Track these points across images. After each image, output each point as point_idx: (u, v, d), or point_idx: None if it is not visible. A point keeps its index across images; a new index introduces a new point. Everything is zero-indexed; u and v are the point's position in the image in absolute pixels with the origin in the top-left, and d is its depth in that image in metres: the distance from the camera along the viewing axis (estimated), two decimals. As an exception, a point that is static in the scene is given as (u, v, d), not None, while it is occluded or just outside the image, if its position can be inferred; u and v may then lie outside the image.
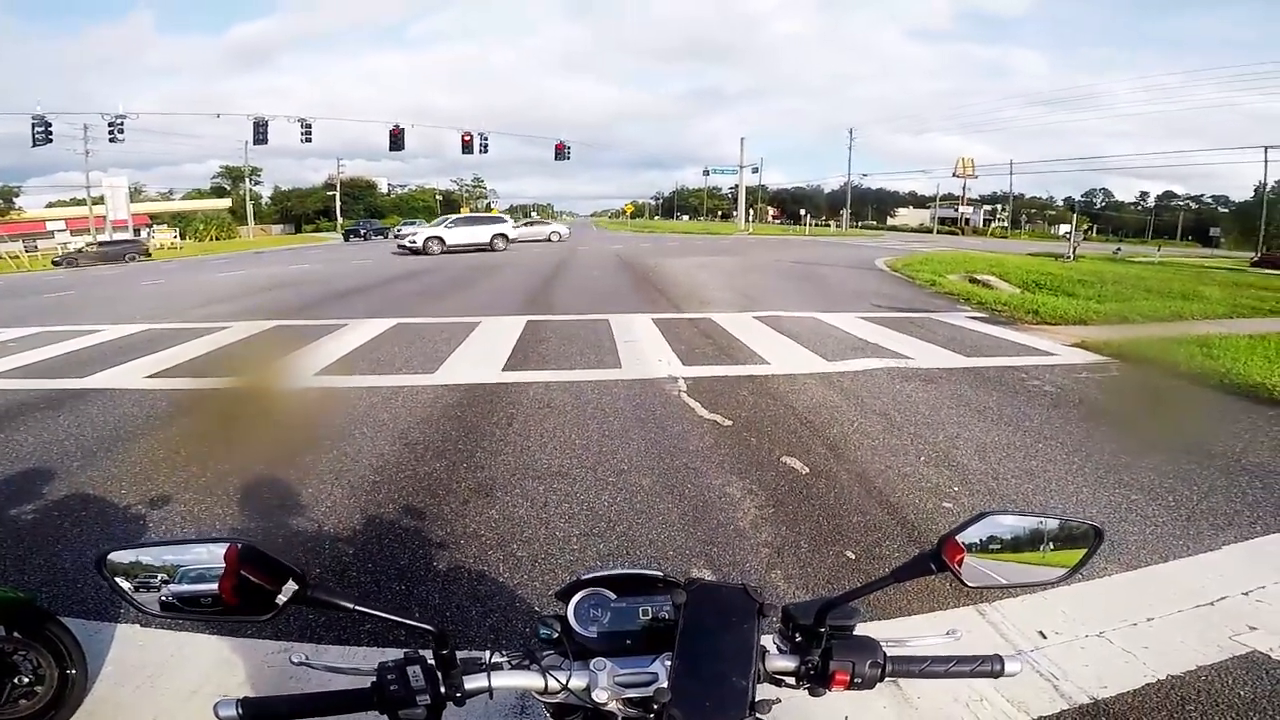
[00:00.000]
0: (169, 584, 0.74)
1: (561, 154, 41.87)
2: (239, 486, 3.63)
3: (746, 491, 3.56)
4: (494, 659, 0.83)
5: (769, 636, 0.86)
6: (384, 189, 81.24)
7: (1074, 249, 22.48)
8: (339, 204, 62.48)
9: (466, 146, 39.06)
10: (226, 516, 3.33)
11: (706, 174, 71.65)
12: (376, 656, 2.16)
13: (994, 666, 0.84)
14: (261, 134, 37.63)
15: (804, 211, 66.29)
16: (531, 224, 36.27)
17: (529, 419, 4.77)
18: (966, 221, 68.25)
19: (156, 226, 49.40)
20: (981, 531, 0.82)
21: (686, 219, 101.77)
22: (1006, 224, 66.79)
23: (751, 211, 66.50)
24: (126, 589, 0.74)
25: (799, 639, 0.84)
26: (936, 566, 0.81)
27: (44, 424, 4.78)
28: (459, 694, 0.77)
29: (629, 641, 0.85)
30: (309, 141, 39.16)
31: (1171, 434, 4.22)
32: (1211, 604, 2.52)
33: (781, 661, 0.83)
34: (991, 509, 0.84)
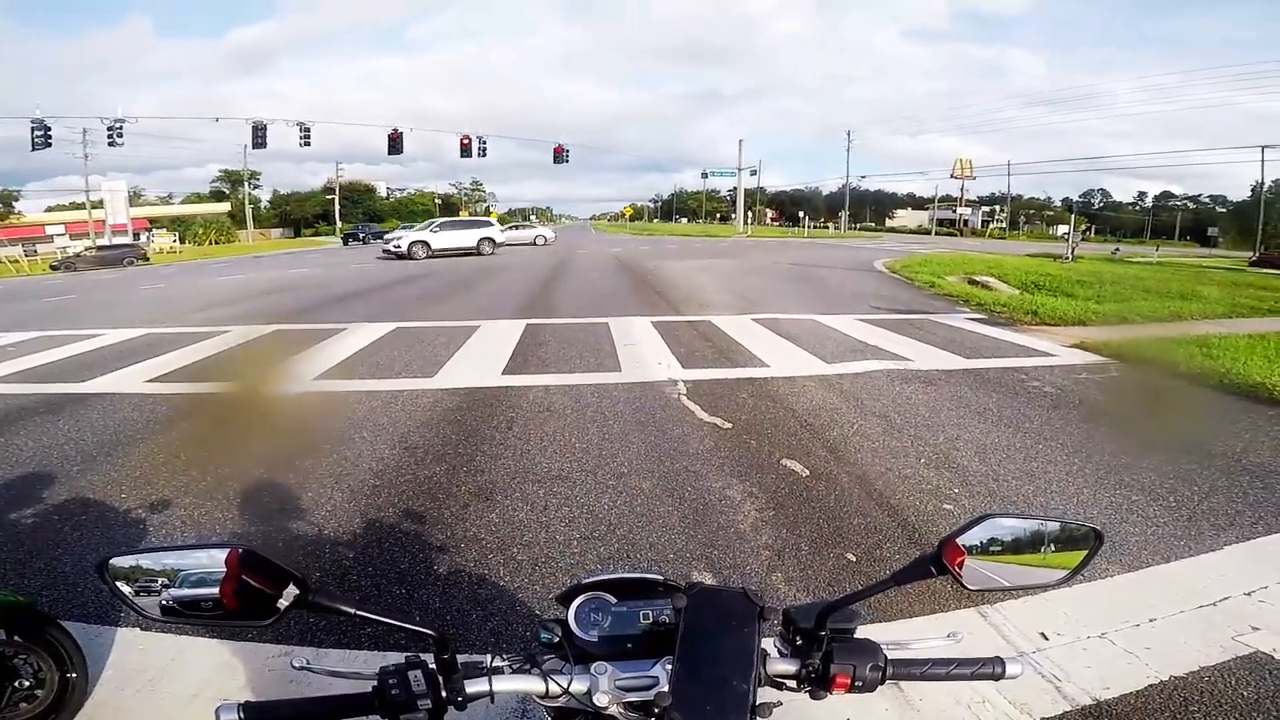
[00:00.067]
0: (169, 588, 0.74)
1: (560, 157, 41.94)
2: (239, 491, 3.62)
3: (747, 494, 3.56)
4: (495, 663, 0.83)
5: (770, 639, 0.86)
6: (383, 193, 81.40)
7: (1072, 249, 22.52)
8: (338, 208, 62.54)
9: (465, 150, 39.09)
10: (227, 521, 3.32)
11: (705, 176, 71.84)
12: (377, 660, 2.15)
13: (995, 669, 0.84)
14: (260, 138, 37.66)
15: (802, 213, 66.30)
16: (517, 228, 36.30)
17: (529, 422, 4.77)
18: (965, 223, 68.35)
19: (156, 231, 49.48)
20: (982, 534, 0.81)
21: (685, 221, 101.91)
22: (1005, 225, 66.88)
23: (750, 214, 66.58)
24: (127, 593, 0.74)
25: (800, 642, 0.84)
26: (937, 569, 0.81)
27: (44, 429, 4.78)
28: (460, 698, 0.77)
29: (630, 645, 0.85)
30: (308, 145, 39.21)
31: (1171, 434, 4.22)
32: (1214, 604, 2.52)
33: (782, 664, 0.83)
34: (992, 511, 0.84)
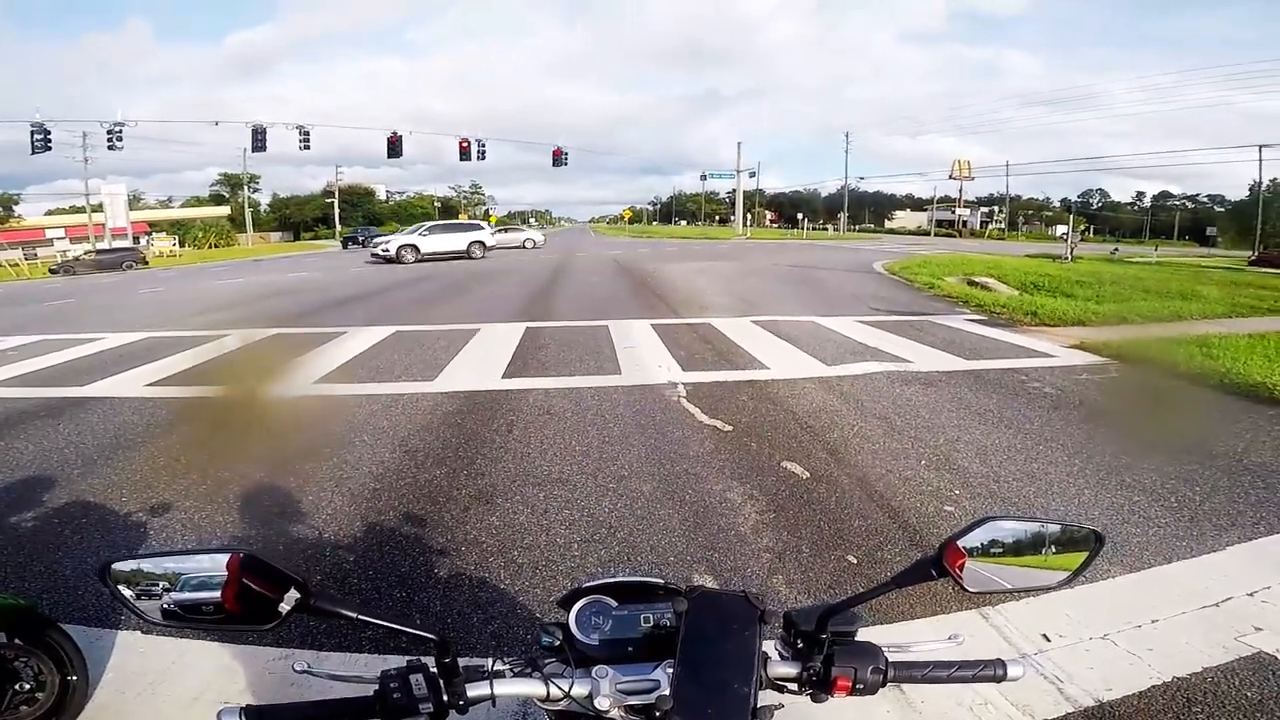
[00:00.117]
0: (170, 591, 0.74)
1: (559, 160, 42.04)
2: (239, 494, 3.62)
3: (747, 497, 3.56)
4: (496, 667, 0.83)
5: (770, 642, 0.86)
6: (382, 196, 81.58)
7: (1071, 250, 22.53)
8: (338, 211, 62.56)
9: (464, 153, 39.21)
10: (227, 524, 3.32)
11: (704, 178, 72.23)
12: (378, 663, 2.14)
13: (996, 671, 0.84)
14: (260, 141, 37.76)
15: (801, 215, 66.46)
16: (506, 231, 36.36)
17: (529, 426, 4.76)
18: (964, 224, 68.43)
19: (156, 234, 49.49)
20: (982, 536, 0.82)
21: (684, 224, 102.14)
22: (1004, 226, 66.96)
23: (749, 216, 66.65)
24: (128, 596, 0.74)
25: (801, 645, 0.84)
26: (937, 572, 0.81)
27: (44, 432, 4.77)
28: (461, 702, 0.77)
29: (631, 649, 0.84)
30: (307, 149, 39.37)
31: (1172, 435, 4.22)
32: (1216, 605, 2.51)
33: (783, 668, 0.83)
34: (992, 514, 0.84)
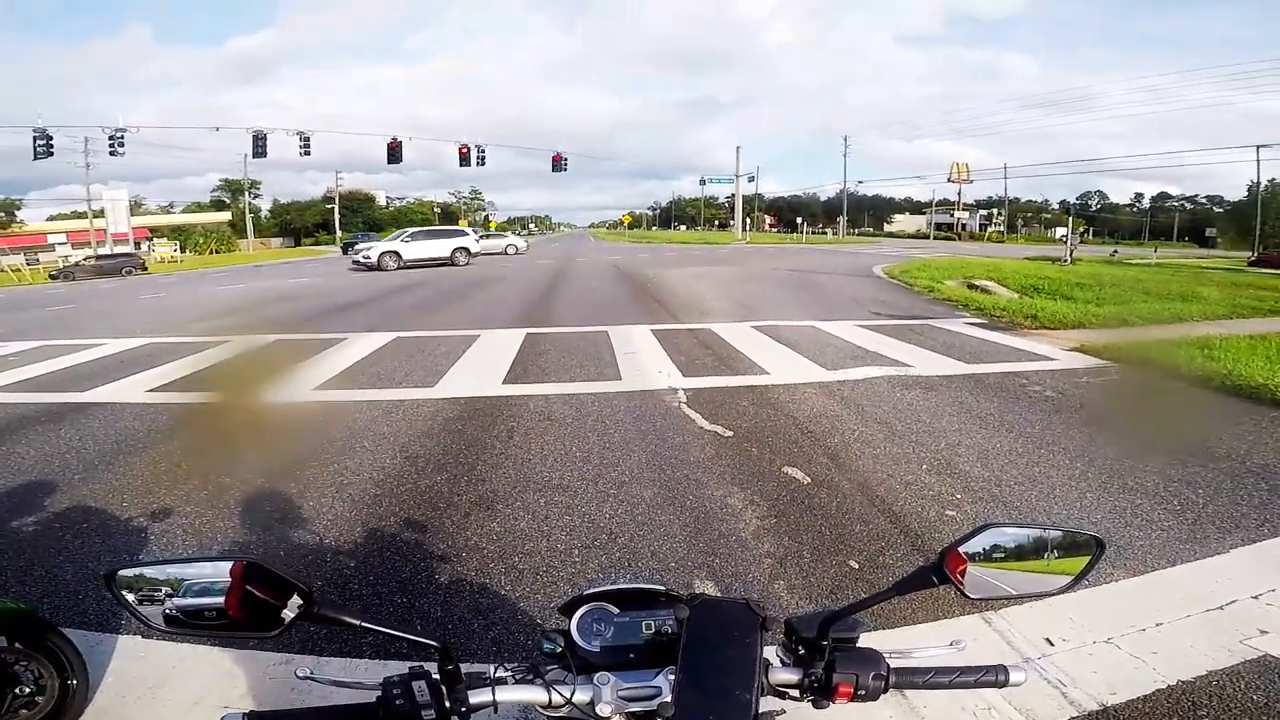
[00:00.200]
0: (173, 597, 0.75)
1: (559, 165, 42.11)
2: (240, 500, 3.62)
3: (748, 502, 3.55)
4: (498, 673, 0.83)
5: (772, 649, 0.86)
6: (383, 202, 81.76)
7: (1070, 252, 22.58)
8: (338, 217, 62.73)
9: (464, 159, 39.30)
10: (228, 529, 3.32)
11: (703, 183, 72.24)
12: (379, 669, 2.13)
13: (998, 676, 0.83)
14: (260, 147, 37.91)
15: (801, 219, 66.58)
16: (488, 237, 36.71)
17: (530, 432, 4.76)
18: (963, 226, 68.58)
19: (157, 240, 49.72)
20: (983, 543, 0.82)
21: (684, 229, 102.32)
22: (1003, 228, 67.07)
23: (748, 220, 66.76)
24: (132, 602, 0.75)
25: (802, 652, 0.84)
26: (938, 579, 0.81)
27: (46, 438, 4.77)
28: (464, 708, 0.77)
29: (632, 656, 0.84)
30: (307, 154, 39.51)
31: (1174, 437, 4.20)
32: (1221, 608, 2.50)
33: (785, 674, 0.83)
34: (993, 521, 0.85)
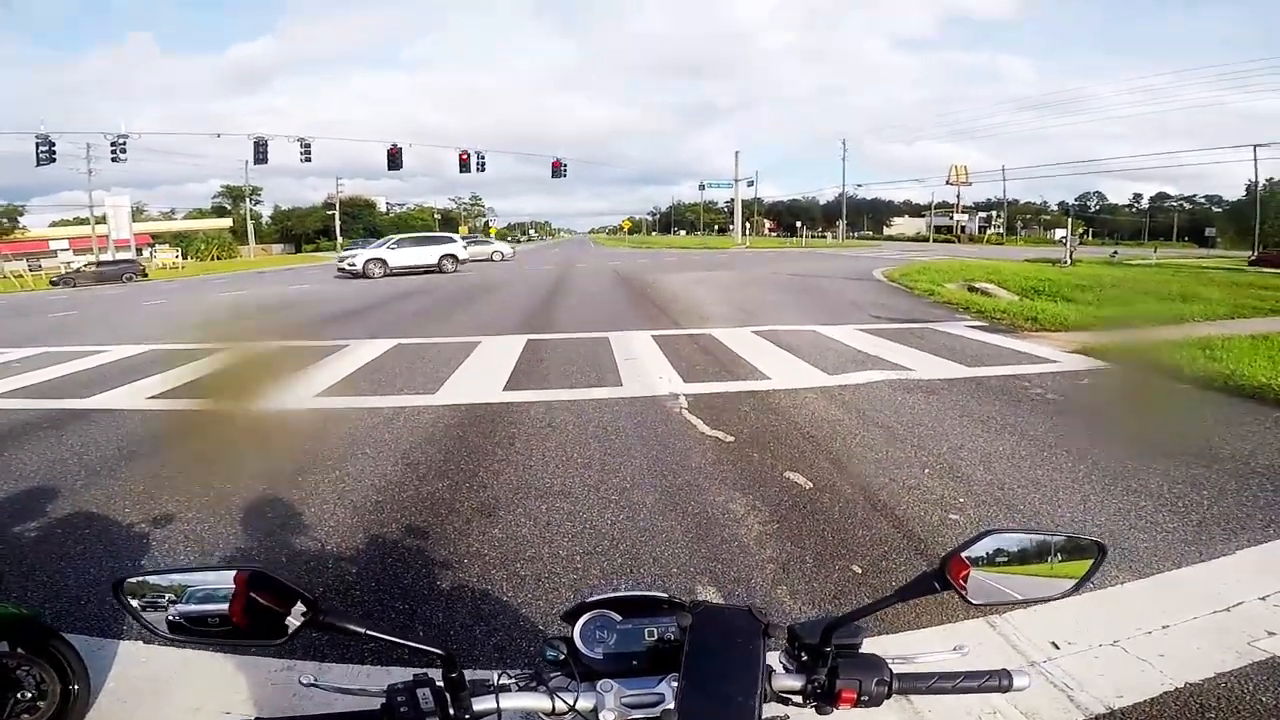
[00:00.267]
0: (177, 604, 0.76)
1: (558, 171, 42.21)
2: (242, 506, 3.61)
3: (750, 508, 3.54)
4: (501, 680, 0.83)
5: (775, 655, 0.86)
6: (383, 208, 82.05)
7: (1070, 253, 22.58)
8: (339, 223, 62.93)
9: (464, 165, 39.36)
10: (230, 536, 3.31)
11: (702, 188, 72.39)
12: (383, 676, 2.12)
13: (1002, 681, 0.83)
14: (261, 153, 37.95)
15: (800, 223, 66.72)
16: (475, 243, 36.89)
17: (531, 438, 4.76)
18: (962, 229, 68.66)
19: (158, 246, 49.90)
20: (985, 548, 0.82)
21: (683, 234, 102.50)
22: (1002, 230, 67.11)
23: (748, 225, 66.86)
24: (137, 608, 0.76)
25: (805, 658, 0.84)
26: (940, 584, 0.81)
27: (48, 443, 4.78)
28: (468, 716, 0.77)
29: (635, 663, 0.84)
30: (308, 161, 39.50)
31: (1178, 438, 4.20)
32: (1228, 610, 2.49)
33: (788, 680, 0.83)
34: (995, 526, 0.85)
